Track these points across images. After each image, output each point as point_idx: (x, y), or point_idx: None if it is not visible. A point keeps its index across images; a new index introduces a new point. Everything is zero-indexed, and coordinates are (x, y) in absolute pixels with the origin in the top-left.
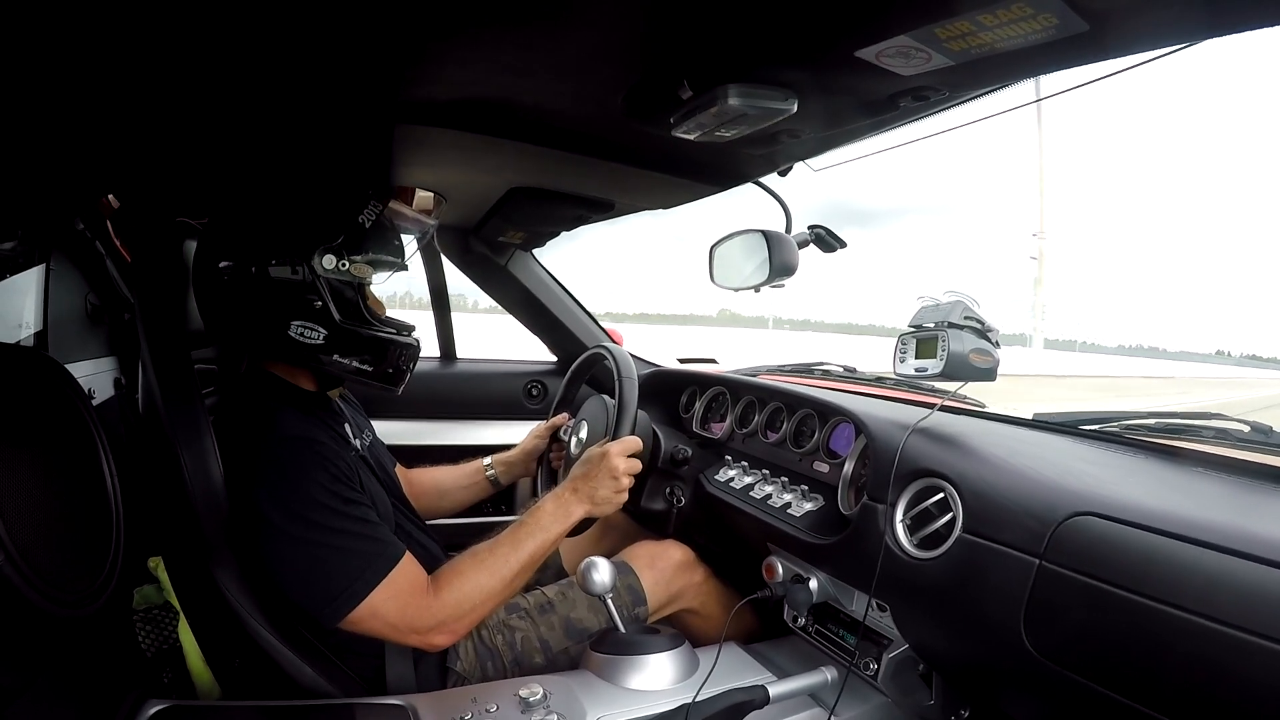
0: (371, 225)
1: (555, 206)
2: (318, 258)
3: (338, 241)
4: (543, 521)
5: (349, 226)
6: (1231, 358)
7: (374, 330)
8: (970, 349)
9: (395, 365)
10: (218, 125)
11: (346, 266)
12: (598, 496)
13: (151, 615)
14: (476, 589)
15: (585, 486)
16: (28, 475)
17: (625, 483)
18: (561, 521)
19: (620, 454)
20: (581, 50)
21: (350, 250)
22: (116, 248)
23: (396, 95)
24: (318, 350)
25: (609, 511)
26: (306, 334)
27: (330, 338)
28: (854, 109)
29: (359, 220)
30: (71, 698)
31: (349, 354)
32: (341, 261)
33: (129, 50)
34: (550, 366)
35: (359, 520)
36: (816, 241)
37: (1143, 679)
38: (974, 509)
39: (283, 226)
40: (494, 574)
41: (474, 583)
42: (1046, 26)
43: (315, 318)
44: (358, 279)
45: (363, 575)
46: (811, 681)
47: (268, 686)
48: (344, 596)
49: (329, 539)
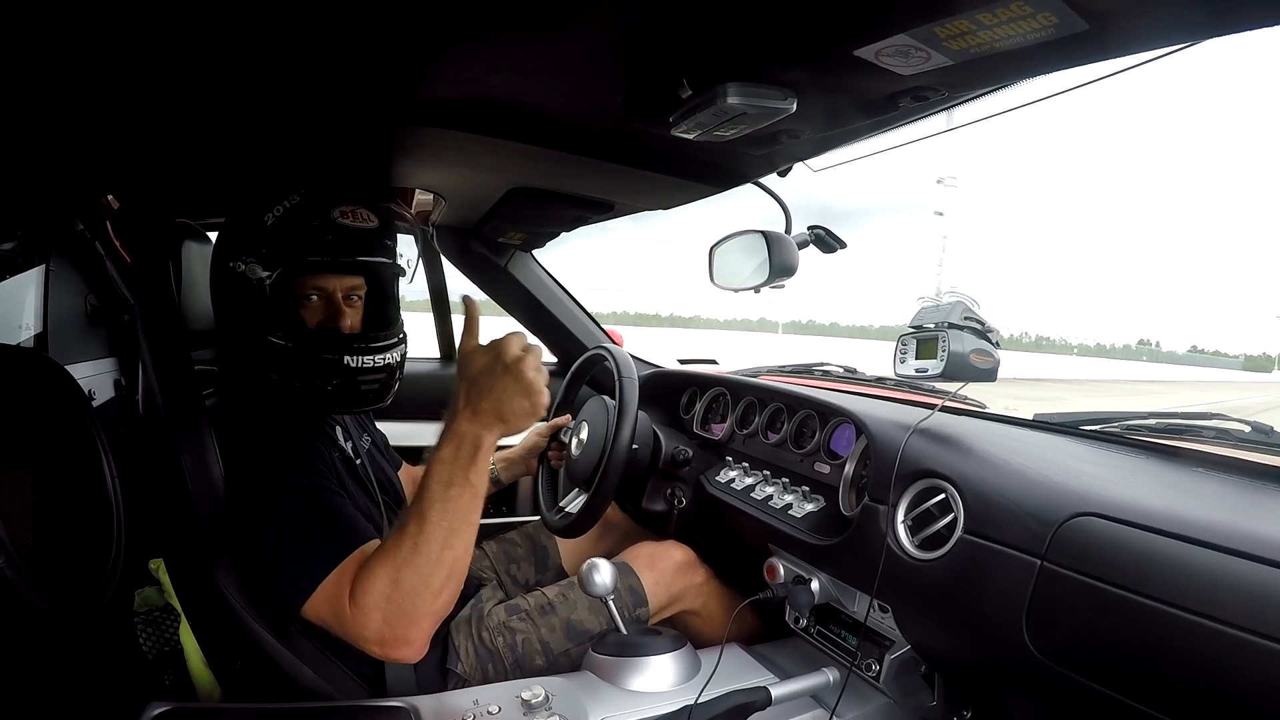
0: (274, 223)
1: (555, 207)
2: (234, 262)
3: (241, 243)
4: (443, 473)
5: (253, 226)
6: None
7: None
8: (971, 349)
9: (322, 384)
10: (217, 126)
11: (241, 269)
12: (507, 409)
13: (152, 617)
14: (394, 589)
15: (484, 402)
16: (28, 477)
17: (533, 376)
18: (470, 458)
19: (516, 343)
20: (581, 50)
21: (250, 251)
22: (116, 248)
23: (397, 95)
24: (270, 361)
25: (529, 423)
26: (276, 341)
27: (263, 351)
28: (853, 109)
29: (263, 219)
30: (73, 700)
31: (276, 369)
32: (237, 264)
33: (129, 50)
34: (550, 367)
35: (321, 507)
36: (816, 242)
37: (1144, 679)
38: (975, 510)
39: (226, 226)
40: (409, 563)
41: (388, 579)
42: (1046, 26)
43: (261, 326)
44: (257, 280)
45: (311, 566)
46: (813, 683)
47: (269, 688)
48: (297, 588)
49: (291, 524)
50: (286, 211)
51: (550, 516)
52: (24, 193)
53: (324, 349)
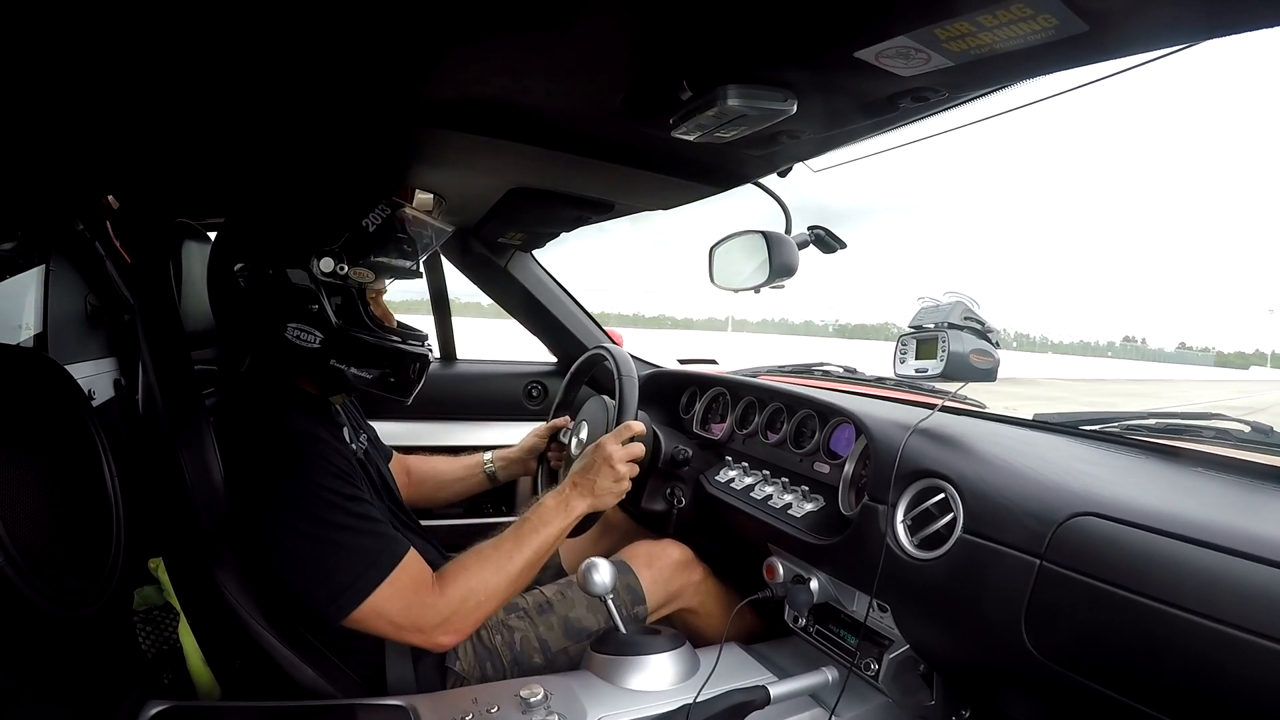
0: (376, 229)
1: (555, 207)
2: (316, 261)
3: (338, 245)
4: (545, 517)
5: (351, 229)
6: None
7: (375, 337)
8: (970, 349)
9: (399, 374)
10: (220, 126)
11: (345, 270)
12: (598, 488)
13: (152, 616)
14: (482, 585)
15: (584, 480)
16: (28, 477)
17: (623, 470)
18: (564, 516)
19: (615, 441)
20: (581, 51)
21: (351, 254)
22: (116, 248)
23: (398, 96)
24: (314, 355)
25: (612, 502)
26: (302, 337)
27: (327, 342)
28: (853, 110)
29: (362, 224)
30: (72, 699)
31: (348, 360)
32: (340, 265)
33: (130, 50)
34: (550, 367)
35: (362, 517)
36: (816, 242)
37: (1143, 679)
38: (974, 509)
39: (283, 228)
40: (499, 570)
41: (479, 578)
42: (1046, 27)
43: (312, 321)
44: (359, 284)
45: (366, 572)
46: (812, 682)
47: (268, 687)
48: (348, 594)
49: (332, 535)
50: (386, 219)
51: None
52: (24, 193)
53: (406, 341)
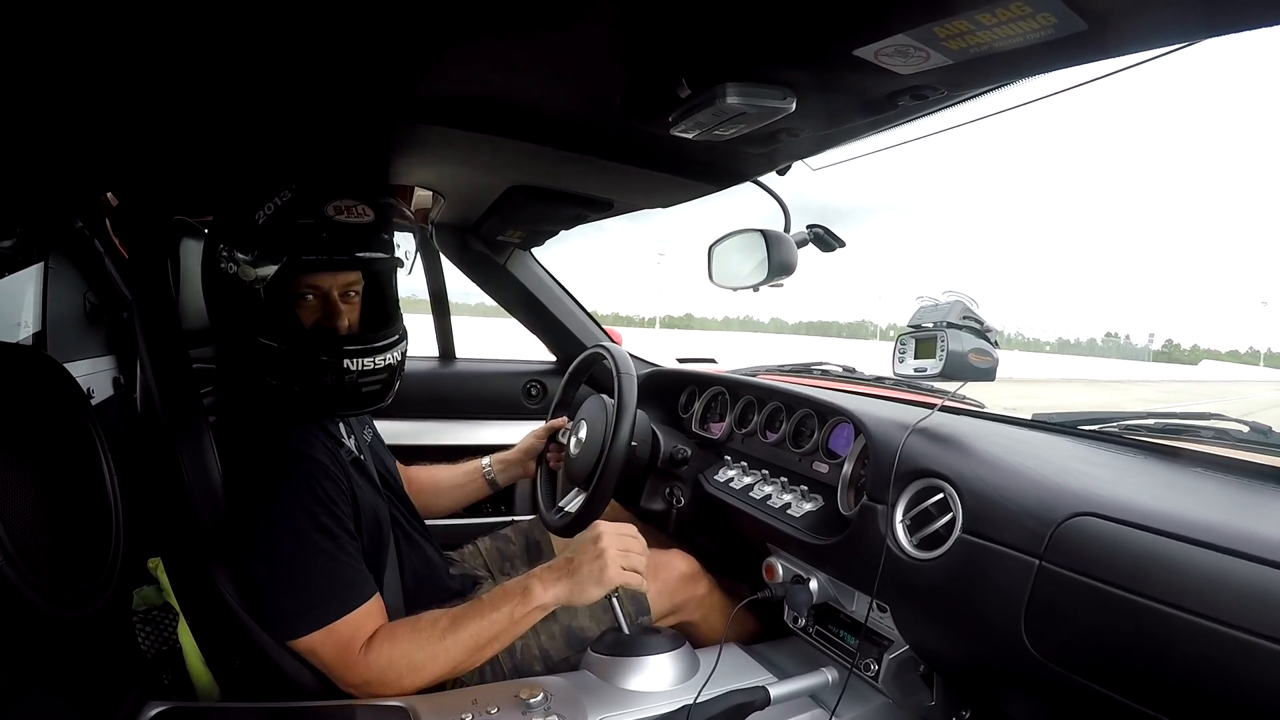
0: (266, 221)
1: (554, 205)
2: (227, 261)
3: (232, 241)
4: (496, 600)
5: (243, 224)
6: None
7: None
8: (969, 349)
9: (306, 385)
10: (216, 123)
11: (234, 269)
12: (582, 574)
13: (151, 616)
14: (404, 660)
15: (564, 564)
16: (27, 476)
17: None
18: (519, 603)
19: (618, 533)
20: (580, 49)
21: (244, 250)
22: (115, 246)
23: (396, 93)
24: (265, 363)
25: (593, 595)
26: (264, 343)
27: (257, 353)
28: (853, 108)
29: (253, 216)
30: (71, 699)
31: (272, 373)
32: (228, 264)
33: (129, 47)
34: (549, 366)
35: (328, 554)
36: (815, 241)
37: (1143, 679)
38: (974, 509)
39: (216, 225)
40: (424, 647)
41: (403, 653)
42: (1045, 26)
43: (255, 328)
44: (251, 280)
45: (308, 613)
46: (812, 682)
47: (267, 688)
48: (288, 622)
49: (295, 563)
50: (278, 209)
51: (549, 516)
52: (23, 190)
53: (321, 351)
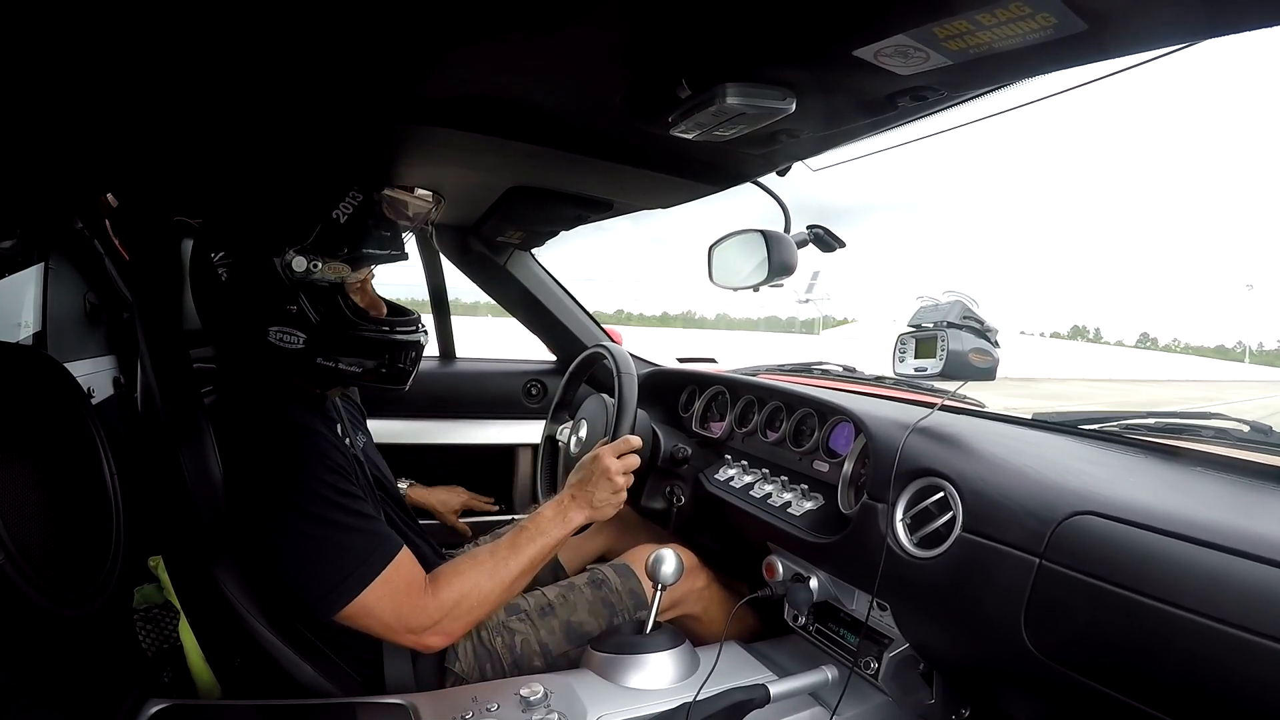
0: (348, 220)
1: (554, 206)
2: (290, 259)
3: (309, 240)
4: (542, 526)
5: (324, 223)
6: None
7: (361, 330)
8: (970, 348)
9: (391, 364)
10: (217, 123)
11: (320, 267)
12: (596, 500)
13: (152, 614)
14: (474, 589)
15: (582, 492)
16: (27, 475)
17: (621, 482)
18: (561, 526)
19: (612, 454)
20: (580, 49)
21: (324, 249)
22: (115, 246)
23: (396, 93)
24: (300, 355)
25: (610, 514)
26: (285, 339)
27: (311, 341)
28: (852, 109)
29: (333, 216)
30: (72, 697)
31: (335, 356)
32: (314, 262)
33: (130, 48)
34: (549, 366)
35: (356, 514)
36: (815, 241)
37: (1143, 678)
38: (974, 508)
39: (255, 226)
40: (492, 575)
41: (472, 583)
42: (1045, 26)
43: (291, 322)
44: (338, 278)
45: (357, 570)
46: (812, 680)
47: (268, 685)
48: (339, 590)
49: (326, 531)
50: (356, 208)
51: None
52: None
53: (395, 330)
